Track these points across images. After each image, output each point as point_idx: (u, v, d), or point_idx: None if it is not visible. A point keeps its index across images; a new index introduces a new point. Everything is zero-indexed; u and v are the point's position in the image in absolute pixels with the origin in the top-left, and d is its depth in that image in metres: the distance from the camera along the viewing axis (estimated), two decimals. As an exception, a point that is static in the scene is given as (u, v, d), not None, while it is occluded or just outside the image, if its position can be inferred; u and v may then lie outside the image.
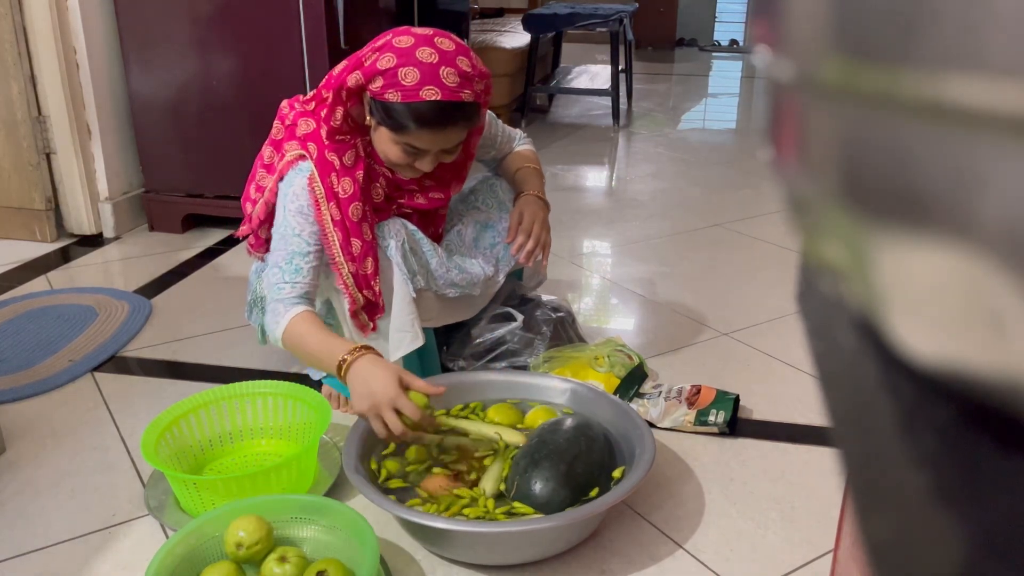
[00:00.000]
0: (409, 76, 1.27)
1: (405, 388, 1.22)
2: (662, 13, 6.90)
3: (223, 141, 2.38)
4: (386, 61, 1.28)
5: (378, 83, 1.29)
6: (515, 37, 4.13)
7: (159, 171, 2.51)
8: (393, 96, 1.28)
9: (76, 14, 2.32)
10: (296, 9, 2.22)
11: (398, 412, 1.20)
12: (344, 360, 1.24)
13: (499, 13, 5.25)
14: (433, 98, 1.26)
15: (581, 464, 1.22)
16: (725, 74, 6.18)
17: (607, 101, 4.23)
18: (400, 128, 1.30)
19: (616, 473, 1.26)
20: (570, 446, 1.24)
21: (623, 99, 4.37)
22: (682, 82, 5.68)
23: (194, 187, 2.50)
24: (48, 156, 2.42)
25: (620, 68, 4.11)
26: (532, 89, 4.08)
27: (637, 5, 4.61)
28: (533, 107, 4.22)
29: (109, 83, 2.45)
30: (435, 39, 1.30)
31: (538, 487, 1.19)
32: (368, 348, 1.27)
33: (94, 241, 2.47)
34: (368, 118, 1.36)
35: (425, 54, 1.28)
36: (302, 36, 2.24)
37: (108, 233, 2.50)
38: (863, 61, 0.20)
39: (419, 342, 1.42)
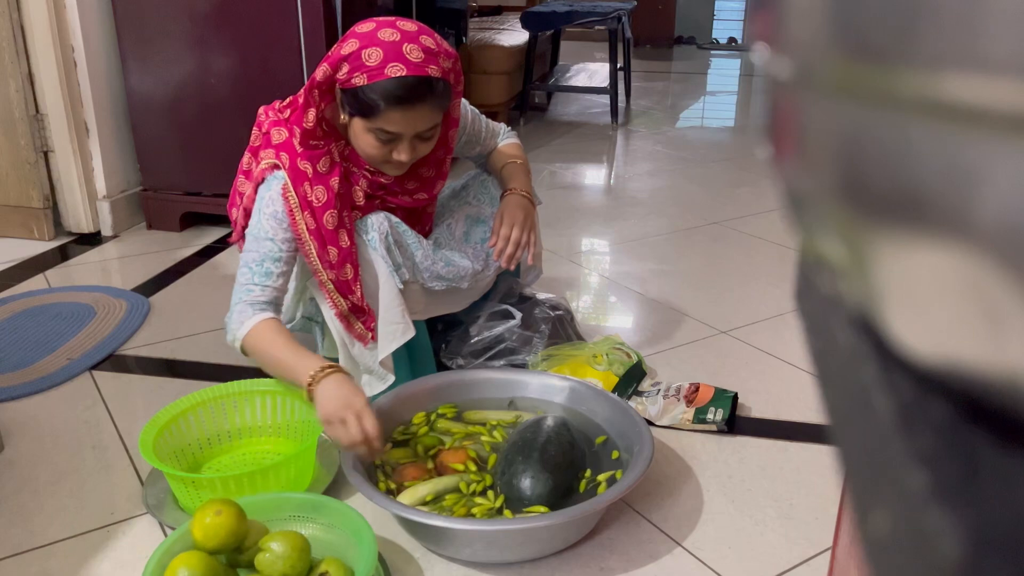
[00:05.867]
0: (373, 56, 1.27)
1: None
2: (661, 11, 6.89)
3: (221, 139, 2.38)
4: (349, 46, 1.29)
5: (344, 70, 1.30)
6: (513, 35, 4.12)
7: (157, 169, 2.51)
8: (359, 79, 1.28)
9: (74, 12, 2.31)
10: (294, 7, 2.22)
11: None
12: (316, 374, 1.24)
13: (497, 11, 5.24)
14: (398, 74, 1.27)
15: (553, 447, 1.25)
16: (724, 72, 6.17)
17: (606, 99, 4.23)
18: (370, 111, 1.30)
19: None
20: (536, 435, 1.27)
21: (621, 97, 4.36)
22: (681, 80, 5.68)
23: (192, 185, 2.50)
24: (46, 154, 2.41)
25: (619, 66, 4.10)
26: (531, 87, 4.08)
27: (636, 3, 4.60)
28: (532, 105, 4.21)
29: (107, 81, 2.45)
30: (397, 22, 1.32)
31: (522, 483, 1.21)
32: (339, 367, 1.27)
33: (92, 239, 2.47)
34: (342, 116, 1.36)
35: (387, 34, 1.29)
36: (300, 34, 2.23)
37: (106, 231, 2.50)
38: (862, 59, 0.20)
39: (410, 333, 1.42)
